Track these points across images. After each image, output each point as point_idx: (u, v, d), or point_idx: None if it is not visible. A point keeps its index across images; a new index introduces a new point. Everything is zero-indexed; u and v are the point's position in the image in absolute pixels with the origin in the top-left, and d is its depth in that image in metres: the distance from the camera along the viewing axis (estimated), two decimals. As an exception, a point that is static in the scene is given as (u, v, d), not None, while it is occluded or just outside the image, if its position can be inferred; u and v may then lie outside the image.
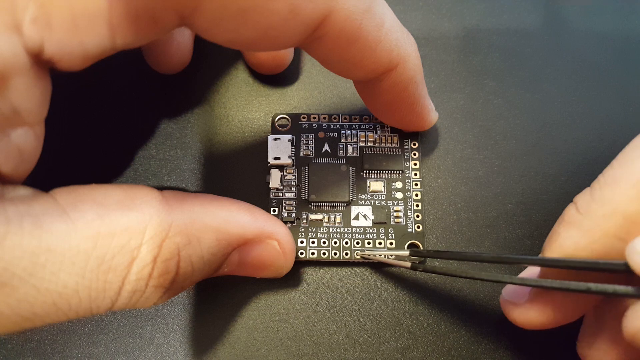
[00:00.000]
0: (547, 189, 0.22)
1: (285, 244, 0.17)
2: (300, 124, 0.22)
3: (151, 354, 0.19)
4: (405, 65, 0.17)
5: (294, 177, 0.21)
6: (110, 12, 0.12)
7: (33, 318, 0.13)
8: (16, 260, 0.12)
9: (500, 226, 0.21)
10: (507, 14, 0.25)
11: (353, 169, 0.21)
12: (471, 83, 0.23)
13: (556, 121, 0.23)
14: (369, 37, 0.15)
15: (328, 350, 0.19)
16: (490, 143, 0.22)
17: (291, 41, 0.15)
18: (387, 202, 0.21)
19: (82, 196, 0.14)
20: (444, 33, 0.24)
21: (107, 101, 0.22)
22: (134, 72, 0.23)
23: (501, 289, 0.18)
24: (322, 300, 0.20)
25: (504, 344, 0.20)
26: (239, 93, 0.23)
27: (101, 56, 0.13)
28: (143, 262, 0.14)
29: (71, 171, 0.21)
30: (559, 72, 0.23)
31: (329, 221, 0.20)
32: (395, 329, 0.20)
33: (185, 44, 0.21)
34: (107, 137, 0.22)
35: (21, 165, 0.14)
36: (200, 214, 0.15)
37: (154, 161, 0.22)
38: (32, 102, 0.13)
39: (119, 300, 0.14)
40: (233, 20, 0.13)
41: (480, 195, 0.21)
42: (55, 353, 0.19)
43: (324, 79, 0.23)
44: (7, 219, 0.12)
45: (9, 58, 0.12)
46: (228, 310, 0.20)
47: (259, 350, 0.19)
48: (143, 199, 0.14)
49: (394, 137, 0.21)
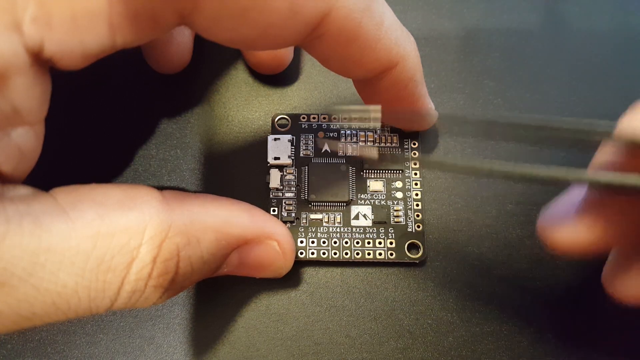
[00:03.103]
0: (547, 189, 0.22)
1: (285, 244, 0.17)
2: (300, 124, 0.22)
3: (151, 354, 0.19)
4: (405, 64, 0.17)
5: (293, 177, 0.21)
6: (110, 11, 0.12)
7: (32, 317, 0.13)
8: (16, 260, 0.12)
9: (500, 226, 0.21)
10: (507, 14, 0.25)
11: (353, 168, 0.21)
12: (471, 83, 0.23)
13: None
14: (368, 36, 0.15)
15: (328, 350, 0.19)
16: (490, 143, 0.22)
17: (291, 40, 0.15)
18: (387, 202, 0.21)
19: (82, 196, 0.14)
20: (444, 33, 0.24)
21: (107, 101, 0.22)
22: (134, 72, 0.23)
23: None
24: (322, 300, 0.20)
25: (504, 344, 0.19)
26: (239, 93, 0.23)
27: (101, 55, 0.13)
28: (142, 262, 0.14)
29: (71, 171, 0.21)
30: (559, 72, 0.23)
31: (329, 221, 0.20)
32: (395, 329, 0.20)
33: (185, 44, 0.21)
34: (107, 137, 0.22)
35: (21, 165, 0.14)
36: (200, 214, 0.15)
37: (154, 161, 0.22)
38: (32, 101, 0.13)
39: (118, 300, 0.14)
40: (233, 19, 0.13)
41: (480, 195, 0.21)
42: (55, 353, 0.19)
43: (324, 79, 0.23)
44: (7, 219, 0.12)
45: (9, 57, 0.12)
46: (228, 310, 0.20)
47: (259, 350, 0.19)
48: (143, 199, 0.14)
49: (394, 137, 0.21)
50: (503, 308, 0.20)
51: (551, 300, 0.20)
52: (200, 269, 0.15)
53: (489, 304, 0.20)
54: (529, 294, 0.20)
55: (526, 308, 0.20)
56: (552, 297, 0.20)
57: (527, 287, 0.20)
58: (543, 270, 0.20)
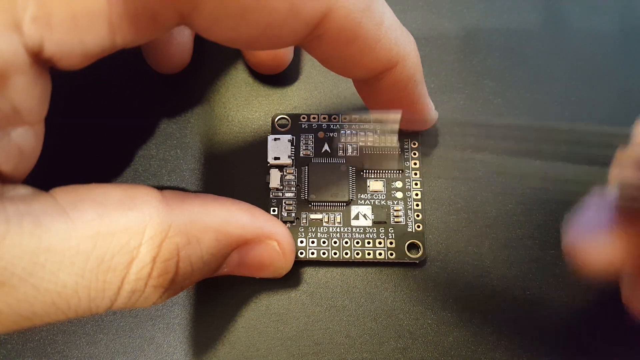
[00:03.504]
0: (547, 189, 0.22)
1: (285, 244, 0.17)
2: (300, 124, 0.22)
3: (151, 354, 0.19)
4: (405, 64, 0.17)
5: (293, 177, 0.21)
6: (110, 10, 0.12)
7: (32, 317, 0.13)
8: (16, 260, 0.12)
9: (500, 226, 0.21)
10: (507, 14, 0.25)
11: (353, 168, 0.21)
12: (471, 83, 0.23)
13: (556, 121, 0.23)
14: (368, 35, 0.15)
15: (328, 350, 0.19)
16: (490, 143, 0.22)
17: (291, 40, 0.15)
18: (387, 202, 0.21)
19: (81, 196, 0.14)
20: (444, 33, 0.24)
21: (107, 101, 0.22)
22: (134, 72, 0.23)
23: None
24: (322, 300, 0.20)
25: (504, 344, 0.19)
26: (239, 93, 0.23)
27: (101, 55, 0.13)
28: (142, 262, 0.14)
29: (71, 171, 0.21)
30: (559, 72, 0.23)
31: (329, 221, 0.20)
32: (395, 329, 0.20)
33: (185, 44, 0.21)
34: (107, 137, 0.22)
35: (21, 165, 0.14)
36: (200, 214, 0.15)
37: (154, 161, 0.22)
38: (32, 101, 0.13)
39: (118, 300, 0.14)
40: (233, 19, 0.13)
41: (480, 195, 0.21)
42: (55, 353, 0.19)
43: (324, 79, 0.23)
44: (7, 218, 0.12)
45: (9, 57, 0.12)
46: (228, 310, 0.20)
47: (259, 350, 0.19)
48: (143, 198, 0.14)
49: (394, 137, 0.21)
50: (503, 308, 0.20)
51: (551, 300, 0.20)
52: (200, 269, 0.15)
53: (489, 304, 0.20)
54: (529, 294, 0.20)
55: (526, 308, 0.20)
56: (552, 297, 0.20)
57: (527, 287, 0.20)
58: (543, 271, 0.20)
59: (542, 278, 0.20)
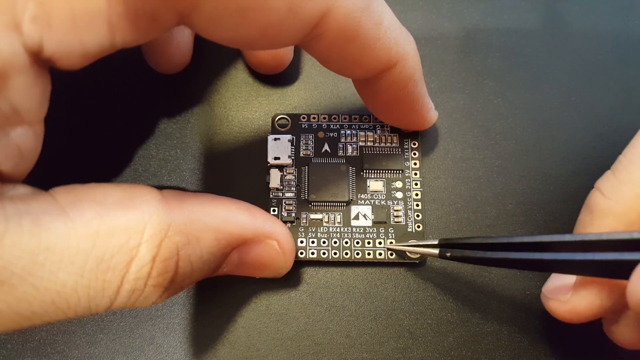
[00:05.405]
0: (547, 189, 0.22)
1: (285, 244, 0.17)
2: (300, 124, 0.22)
3: (151, 354, 0.19)
4: (404, 64, 0.17)
5: (293, 177, 0.21)
6: (109, 10, 0.12)
7: (32, 317, 0.13)
8: (15, 259, 0.12)
9: (500, 226, 0.21)
10: (507, 14, 0.25)
11: (353, 168, 0.21)
12: (471, 83, 0.23)
13: (556, 121, 0.23)
14: (367, 35, 0.15)
15: (328, 350, 0.19)
16: (490, 143, 0.22)
17: (290, 39, 0.15)
18: (387, 202, 0.21)
19: (81, 195, 0.14)
20: (444, 33, 0.24)
21: (107, 101, 0.22)
22: (134, 72, 0.23)
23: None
24: (322, 300, 0.20)
25: (504, 344, 0.19)
26: (239, 93, 0.23)
27: (101, 55, 0.13)
28: (142, 261, 0.14)
29: (71, 171, 0.21)
30: (559, 72, 0.23)
31: (329, 221, 0.20)
32: (395, 329, 0.20)
33: (185, 43, 0.21)
34: (107, 137, 0.22)
35: (21, 164, 0.14)
36: (199, 214, 0.15)
37: (154, 161, 0.22)
38: (31, 101, 0.13)
39: (117, 299, 0.14)
40: (232, 19, 0.13)
41: (480, 195, 0.21)
42: (55, 353, 0.19)
43: (324, 79, 0.23)
44: (7, 218, 0.12)
45: (9, 57, 0.12)
46: (228, 310, 0.20)
47: (259, 350, 0.19)
48: (142, 198, 0.14)
49: (393, 136, 0.21)
50: (503, 308, 0.20)
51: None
52: (199, 268, 0.15)
53: (489, 304, 0.20)
54: (529, 293, 0.20)
55: (526, 308, 0.20)
56: (552, 297, 0.20)
57: (527, 287, 0.20)
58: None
59: (542, 278, 0.20)
